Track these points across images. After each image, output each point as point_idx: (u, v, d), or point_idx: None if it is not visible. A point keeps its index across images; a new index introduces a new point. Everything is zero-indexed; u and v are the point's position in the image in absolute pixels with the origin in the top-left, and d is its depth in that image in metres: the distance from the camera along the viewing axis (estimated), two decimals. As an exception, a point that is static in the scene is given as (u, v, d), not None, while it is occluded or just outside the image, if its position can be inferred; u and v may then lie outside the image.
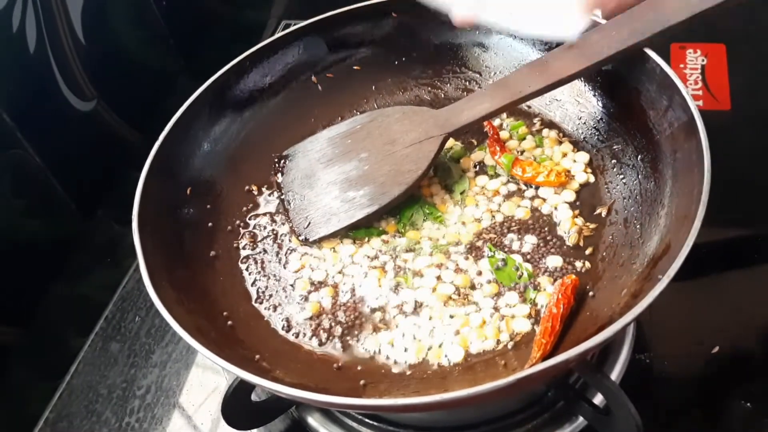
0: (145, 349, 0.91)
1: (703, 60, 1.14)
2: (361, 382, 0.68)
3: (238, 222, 0.84)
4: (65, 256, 1.09)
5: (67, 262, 1.09)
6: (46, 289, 1.04)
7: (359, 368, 0.70)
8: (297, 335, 0.74)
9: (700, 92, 1.09)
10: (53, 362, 0.95)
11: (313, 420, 0.79)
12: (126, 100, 1.20)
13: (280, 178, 0.86)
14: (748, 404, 0.75)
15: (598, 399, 0.72)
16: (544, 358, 0.65)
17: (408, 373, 0.69)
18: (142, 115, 1.23)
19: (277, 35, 0.90)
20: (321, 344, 0.72)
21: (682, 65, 1.13)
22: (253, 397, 0.75)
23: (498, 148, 0.84)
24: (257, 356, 0.70)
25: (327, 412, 0.79)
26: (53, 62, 1.06)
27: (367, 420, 0.77)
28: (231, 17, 1.53)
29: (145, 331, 0.93)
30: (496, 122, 0.89)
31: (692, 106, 0.70)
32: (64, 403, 0.88)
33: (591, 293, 0.71)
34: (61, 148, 1.07)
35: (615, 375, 0.76)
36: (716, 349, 0.79)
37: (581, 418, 0.74)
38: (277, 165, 0.86)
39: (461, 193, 0.83)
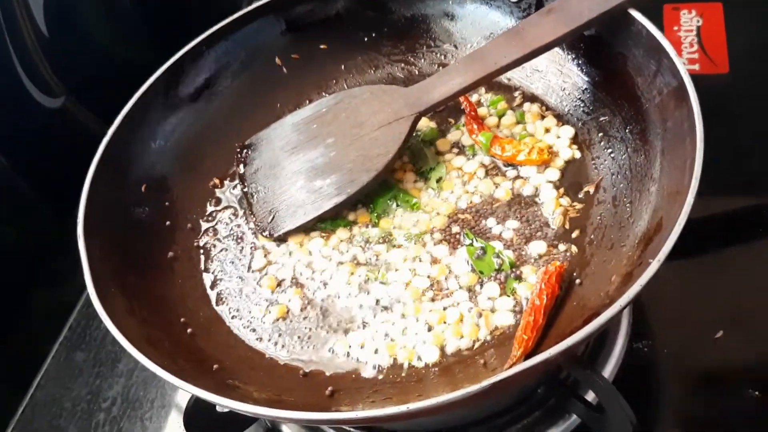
0: (111, 358, 0.87)
1: (698, 21, 1.06)
2: (329, 389, 0.62)
3: (198, 219, 0.79)
4: (40, 262, 1.04)
5: (38, 270, 1.04)
6: (16, 297, 1.00)
7: (327, 374, 0.65)
8: (260, 340, 0.68)
9: (696, 55, 1.02)
10: (19, 374, 0.90)
11: (287, 429, 0.74)
12: (98, 95, 1.13)
13: (242, 169, 0.80)
14: (756, 393, 0.69)
15: (591, 396, 0.66)
16: (528, 356, 0.59)
17: (380, 377, 0.63)
18: (116, 110, 1.17)
19: (232, 16, 0.84)
20: (285, 348, 0.67)
21: (676, 27, 1.06)
22: (218, 408, 0.70)
23: (476, 126, 0.78)
24: (216, 366, 0.64)
25: (302, 419, 0.74)
26: (14, 57, 1.01)
27: (344, 427, 0.72)
28: (206, 4, 1.47)
29: (110, 339, 0.86)
30: (474, 98, 0.82)
31: (682, 69, 0.64)
32: (27, 419, 0.84)
33: (578, 281, 0.65)
34: (30, 148, 1.02)
35: (610, 367, 0.71)
36: (719, 333, 0.73)
37: (574, 416, 0.68)
38: (239, 155, 0.80)
39: (437, 181, 0.76)
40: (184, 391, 0.74)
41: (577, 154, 0.75)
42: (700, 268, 0.79)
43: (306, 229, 0.75)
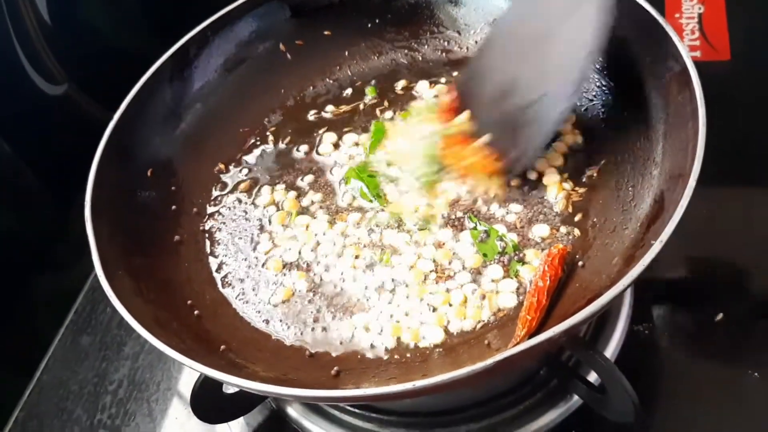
0: (117, 341, 0.87)
1: (700, 8, 1.07)
2: (335, 369, 0.63)
3: (204, 203, 0.79)
4: (43, 248, 1.04)
5: (45, 254, 1.04)
6: (21, 282, 1.00)
7: (333, 355, 0.65)
8: (267, 322, 0.69)
9: (697, 42, 1.02)
10: (25, 358, 0.91)
11: (292, 410, 0.75)
12: (100, 83, 1.13)
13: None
14: (756, 374, 0.70)
15: (593, 377, 0.67)
16: (531, 335, 0.60)
17: (385, 357, 0.64)
18: (118, 97, 1.18)
19: (237, 2, 0.84)
20: (291, 330, 0.67)
21: (677, 15, 1.06)
22: (225, 389, 0.70)
23: None
24: (223, 347, 0.65)
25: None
26: (17, 45, 1.01)
27: (348, 408, 0.73)
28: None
29: (116, 323, 0.89)
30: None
31: (685, 54, 0.65)
32: (33, 401, 0.84)
33: (581, 263, 0.66)
34: (33, 135, 1.02)
35: (611, 349, 0.71)
36: (720, 316, 0.74)
37: (576, 397, 0.69)
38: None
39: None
40: (192, 372, 0.76)
41: (580, 139, 0.75)
42: (698, 252, 0.79)
43: (311, 211, 0.76)
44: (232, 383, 0.56)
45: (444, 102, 0.78)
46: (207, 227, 0.77)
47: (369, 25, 0.89)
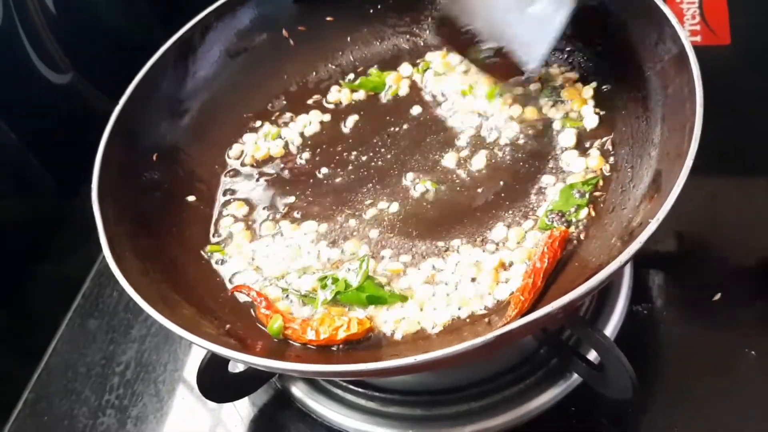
0: (124, 324, 0.88)
1: (700, -8, 1.07)
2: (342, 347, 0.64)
3: (209, 187, 0.80)
4: (48, 236, 1.05)
5: (50, 242, 1.05)
6: (27, 270, 1.01)
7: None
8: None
9: (698, 27, 1.02)
10: (33, 342, 0.92)
11: (297, 389, 0.76)
12: (104, 72, 1.14)
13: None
14: (753, 352, 0.71)
15: (593, 355, 0.68)
16: (524, 315, 0.60)
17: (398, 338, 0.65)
18: (122, 86, 1.18)
19: (241, -12, 0.85)
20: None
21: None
22: (231, 368, 0.72)
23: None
24: (228, 326, 0.66)
25: (311, 381, 0.76)
26: (23, 35, 1.02)
27: (352, 387, 0.74)
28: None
29: (123, 306, 0.90)
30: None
31: (683, 36, 0.65)
32: (43, 383, 0.86)
33: (580, 242, 0.66)
34: (38, 123, 1.03)
35: (610, 329, 0.72)
36: (718, 296, 0.75)
37: (576, 375, 0.70)
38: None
39: None
40: (198, 354, 0.77)
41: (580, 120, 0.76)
42: (697, 233, 0.80)
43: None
44: (238, 359, 0.57)
45: None
46: (213, 210, 0.78)
47: (371, 11, 0.90)
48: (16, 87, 0.99)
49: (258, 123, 0.85)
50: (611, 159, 0.72)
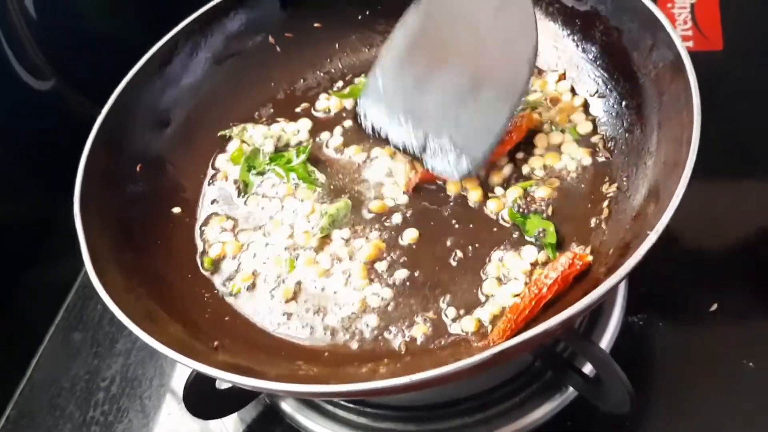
0: (108, 338, 0.86)
1: (692, -2, 1.06)
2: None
3: (194, 198, 0.78)
4: (32, 245, 1.03)
5: (33, 251, 1.03)
6: (10, 280, 0.99)
7: (326, 355, 0.64)
8: (262, 319, 0.68)
9: (690, 32, 1.02)
10: (15, 356, 0.90)
11: (286, 405, 0.74)
12: (89, 77, 1.12)
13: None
14: (750, 364, 0.70)
15: (588, 368, 0.67)
16: (522, 330, 0.59)
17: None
18: (107, 92, 1.16)
19: (226, -6, 0.83)
20: (286, 327, 0.67)
21: (669, 4, 1.05)
22: (218, 384, 0.70)
23: None
24: (216, 343, 0.64)
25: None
26: (2, 40, 0.99)
27: (342, 402, 0.72)
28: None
29: (107, 320, 0.88)
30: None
31: (678, 42, 0.64)
32: (26, 398, 0.84)
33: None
34: (21, 130, 1.01)
35: (605, 341, 0.71)
36: (714, 306, 0.74)
37: (571, 388, 0.69)
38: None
39: None
40: (184, 368, 0.75)
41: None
42: (693, 242, 0.79)
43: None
44: (225, 379, 0.55)
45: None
46: (198, 222, 0.76)
47: (359, 17, 0.89)
48: (-4, 94, 0.97)
49: (245, 132, 0.84)
50: (606, 168, 0.70)
